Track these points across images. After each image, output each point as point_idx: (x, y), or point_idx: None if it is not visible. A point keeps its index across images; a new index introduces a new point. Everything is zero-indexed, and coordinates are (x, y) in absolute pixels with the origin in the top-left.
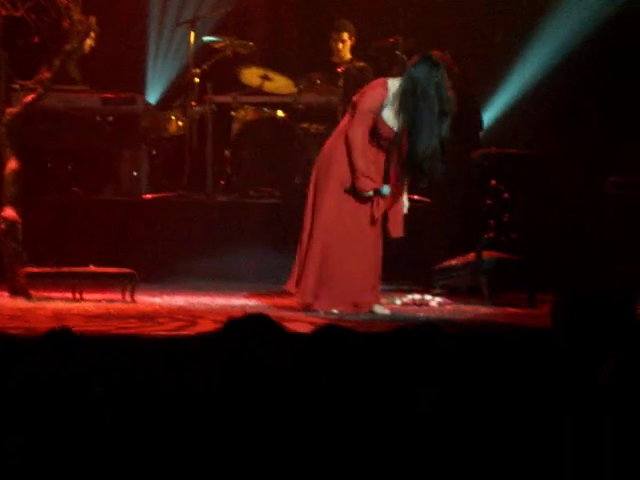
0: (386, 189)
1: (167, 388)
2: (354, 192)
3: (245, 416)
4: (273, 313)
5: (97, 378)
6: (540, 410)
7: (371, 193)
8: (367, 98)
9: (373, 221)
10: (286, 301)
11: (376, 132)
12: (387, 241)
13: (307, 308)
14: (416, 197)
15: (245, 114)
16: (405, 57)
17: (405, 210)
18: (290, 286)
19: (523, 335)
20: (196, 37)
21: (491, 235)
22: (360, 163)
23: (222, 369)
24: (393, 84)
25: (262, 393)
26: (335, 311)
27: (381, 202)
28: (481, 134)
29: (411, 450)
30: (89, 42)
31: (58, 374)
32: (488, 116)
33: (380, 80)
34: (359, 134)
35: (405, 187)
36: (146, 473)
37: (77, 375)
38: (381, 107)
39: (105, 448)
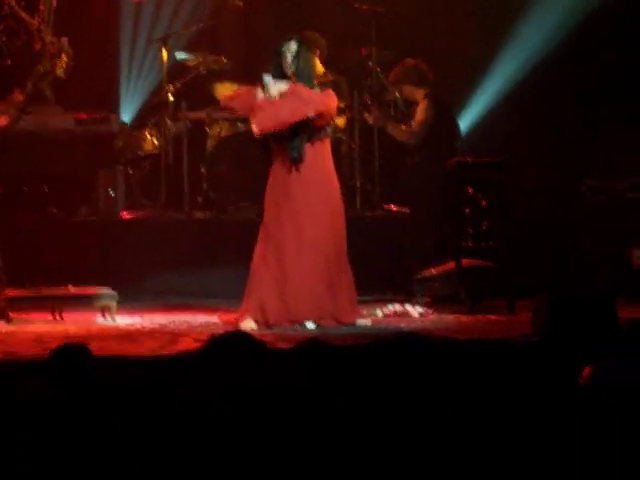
0: (266, 77)
1: (150, 407)
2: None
3: (229, 432)
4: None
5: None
6: (522, 414)
7: (260, 93)
8: None
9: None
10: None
11: None
12: (366, 253)
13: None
14: (394, 208)
15: (220, 130)
16: (379, 69)
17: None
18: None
19: (504, 342)
20: (169, 54)
21: (470, 243)
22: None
23: (206, 387)
24: None
25: (247, 409)
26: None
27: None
28: (458, 144)
29: (395, 460)
30: (61, 65)
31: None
32: (463, 124)
33: None
34: None
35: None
36: None
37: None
38: None
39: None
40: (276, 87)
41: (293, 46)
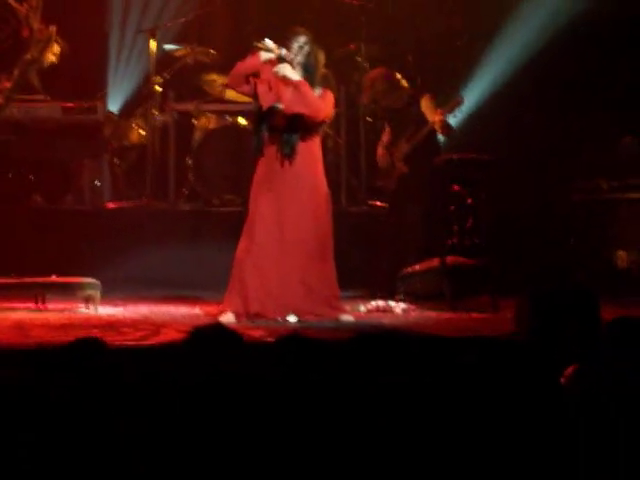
0: (269, 42)
1: (130, 398)
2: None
3: (210, 426)
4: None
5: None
6: (505, 413)
7: (264, 55)
8: None
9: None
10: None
11: None
12: (351, 248)
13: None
14: (379, 203)
15: (207, 122)
16: (367, 65)
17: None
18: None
19: (487, 339)
20: (157, 45)
21: (454, 240)
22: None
23: (187, 379)
24: None
25: (228, 402)
26: (280, 319)
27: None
28: (441, 141)
29: (374, 455)
30: (51, 57)
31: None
32: (451, 121)
33: None
34: None
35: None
36: None
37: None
38: None
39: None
40: (285, 68)
41: (301, 39)
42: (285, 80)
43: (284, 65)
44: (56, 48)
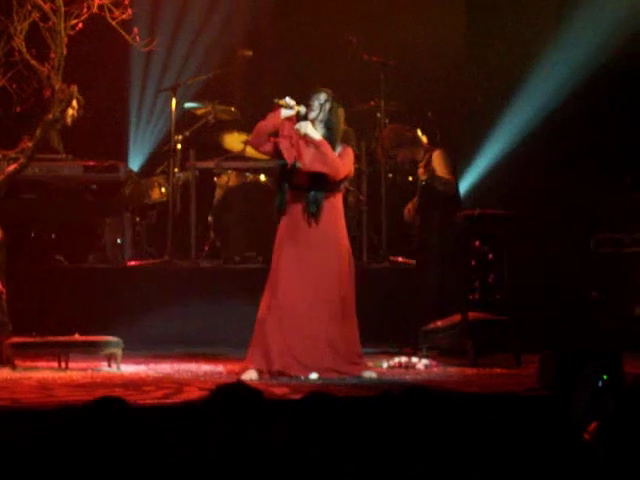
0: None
1: (154, 456)
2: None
3: None
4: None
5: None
6: (528, 469)
7: (284, 111)
8: None
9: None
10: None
11: None
12: (372, 304)
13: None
14: (401, 259)
15: (228, 179)
16: (387, 121)
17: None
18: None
19: (510, 396)
20: (178, 103)
21: (476, 296)
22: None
23: (209, 437)
24: None
25: (251, 460)
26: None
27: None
28: (460, 196)
29: None
30: (71, 112)
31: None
32: (471, 177)
33: None
34: None
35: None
36: None
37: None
38: None
39: None
40: (307, 126)
41: (322, 96)
42: (306, 138)
43: (306, 123)
44: (75, 104)
